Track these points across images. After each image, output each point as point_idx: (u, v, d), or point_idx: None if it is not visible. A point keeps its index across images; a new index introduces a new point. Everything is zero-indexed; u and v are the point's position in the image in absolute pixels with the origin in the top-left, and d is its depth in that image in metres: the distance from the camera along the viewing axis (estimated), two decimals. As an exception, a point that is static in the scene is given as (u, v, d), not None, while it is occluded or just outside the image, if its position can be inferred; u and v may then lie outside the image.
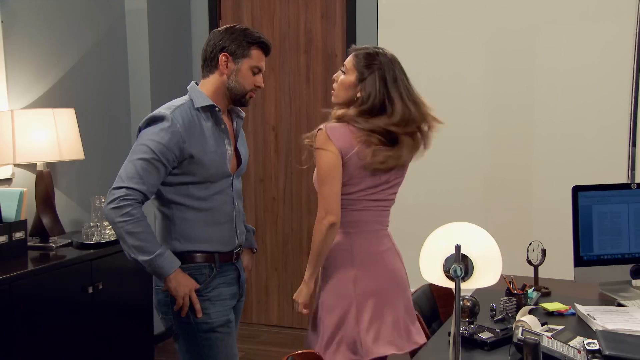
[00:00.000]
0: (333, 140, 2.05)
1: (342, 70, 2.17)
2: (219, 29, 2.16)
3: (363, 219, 2.14)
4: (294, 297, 2.16)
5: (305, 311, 2.15)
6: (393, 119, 2.08)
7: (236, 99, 2.16)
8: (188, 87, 2.17)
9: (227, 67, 2.11)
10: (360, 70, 2.12)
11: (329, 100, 2.29)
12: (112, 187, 2.03)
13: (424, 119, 2.19)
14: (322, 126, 2.10)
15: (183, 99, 2.13)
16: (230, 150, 2.18)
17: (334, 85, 2.20)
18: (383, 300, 2.12)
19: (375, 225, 2.17)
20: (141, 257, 2.00)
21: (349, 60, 2.17)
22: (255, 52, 2.13)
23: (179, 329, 2.15)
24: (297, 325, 4.32)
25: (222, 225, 2.16)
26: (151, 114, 2.08)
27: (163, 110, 2.07)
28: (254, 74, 2.14)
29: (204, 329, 2.12)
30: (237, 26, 2.14)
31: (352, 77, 2.13)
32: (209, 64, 2.14)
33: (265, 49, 2.15)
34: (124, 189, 2.00)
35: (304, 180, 4.21)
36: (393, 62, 2.16)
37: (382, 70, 2.11)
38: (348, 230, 2.13)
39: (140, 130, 2.09)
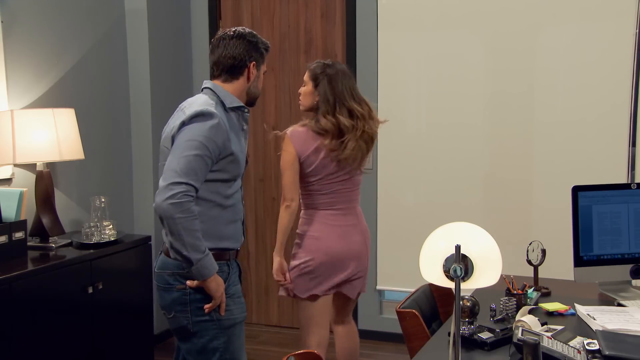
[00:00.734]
0: (292, 144, 2.62)
1: (303, 84, 2.71)
2: (238, 34, 2.20)
3: (330, 200, 2.68)
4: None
5: (281, 278, 2.72)
6: (342, 116, 2.59)
7: (251, 101, 2.28)
8: (210, 87, 2.19)
9: (252, 74, 2.22)
10: (314, 79, 2.66)
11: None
12: (169, 181, 1.97)
13: (370, 116, 2.68)
14: (287, 130, 2.65)
15: (212, 98, 2.14)
16: (246, 150, 2.26)
17: (300, 97, 2.73)
18: (323, 260, 2.68)
19: (339, 205, 2.70)
20: (195, 255, 2.00)
21: (306, 75, 2.70)
22: (265, 59, 2.29)
23: (195, 327, 2.14)
24: (297, 325, 4.32)
25: (236, 222, 2.22)
26: (196, 109, 2.06)
27: (207, 106, 2.07)
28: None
29: (225, 325, 2.15)
30: (254, 33, 2.24)
31: (310, 87, 2.67)
32: (235, 71, 2.20)
33: (268, 53, 2.32)
34: (184, 185, 1.97)
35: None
36: (341, 72, 2.67)
37: (330, 77, 2.63)
38: (315, 208, 2.70)
39: (183, 124, 2.05)
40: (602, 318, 2.03)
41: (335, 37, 4.05)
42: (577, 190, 2.36)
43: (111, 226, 3.20)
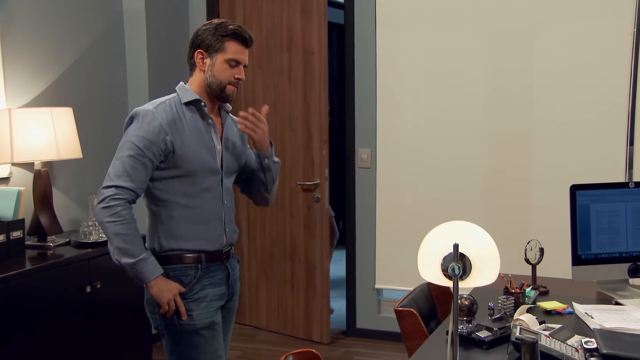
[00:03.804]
0: None
1: None
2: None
3: None
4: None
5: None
6: None
7: (216, 94, 2.12)
8: (176, 87, 2.18)
9: (203, 63, 2.11)
10: None
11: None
12: (102, 186, 2.02)
13: None
14: None
15: (169, 96, 2.15)
16: (218, 146, 2.17)
17: None
18: None
19: None
20: (124, 260, 2.00)
21: None
22: (230, 45, 2.09)
23: (163, 329, 2.14)
24: (288, 331, 4.32)
25: (210, 223, 2.14)
26: (134, 110, 2.09)
27: (146, 105, 2.09)
28: (232, 67, 2.10)
29: (187, 330, 2.11)
30: (214, 21, 2.14)
31: None
32: (191, 63, 2.15)
33: (241, 40, 2.10)
34: (113, 188, 2.00)
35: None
36: None
37: None
38: None
39: (126, 127, 2.10)
40: (599, 316, 2.04)
41: (313, 34, 4.01)
42: (575, 189, 2.36)
43: (109, 225, 3.19)
